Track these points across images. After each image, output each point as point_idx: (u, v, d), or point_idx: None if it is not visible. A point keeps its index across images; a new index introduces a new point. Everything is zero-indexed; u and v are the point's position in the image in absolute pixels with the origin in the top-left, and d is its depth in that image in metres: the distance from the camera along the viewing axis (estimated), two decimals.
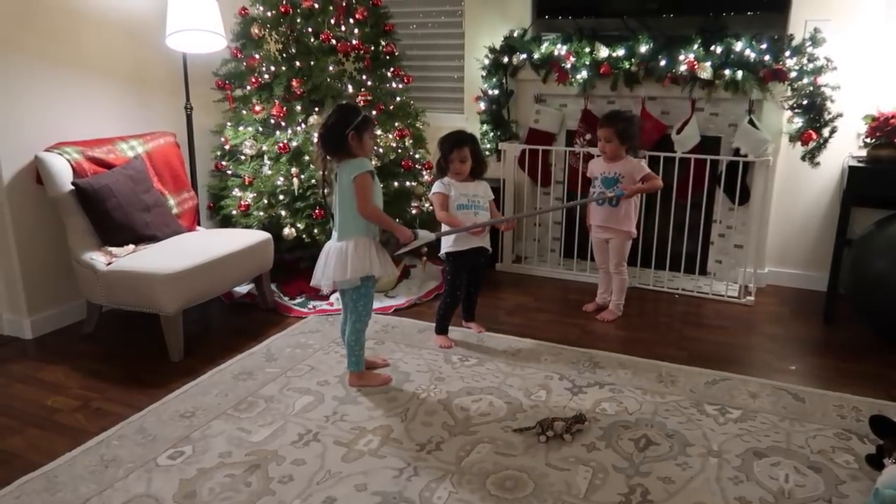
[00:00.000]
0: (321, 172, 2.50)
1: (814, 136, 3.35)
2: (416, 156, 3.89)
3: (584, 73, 3.71)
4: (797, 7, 3.46)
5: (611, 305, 3.37)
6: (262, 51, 3.64)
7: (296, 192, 3.46)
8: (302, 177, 3.45)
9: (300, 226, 3.43)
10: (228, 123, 3.73)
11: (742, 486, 1.98)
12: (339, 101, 3.55)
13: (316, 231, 3.42)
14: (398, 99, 3.86)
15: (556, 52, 3.78)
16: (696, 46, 3.47)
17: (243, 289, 3.55)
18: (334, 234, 2.50)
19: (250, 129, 3.62)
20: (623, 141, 3.13)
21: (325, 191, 2.52)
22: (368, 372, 2.64)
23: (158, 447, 2.16)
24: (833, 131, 3.35)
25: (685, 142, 3.63)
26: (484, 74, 4.04)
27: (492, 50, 3.99)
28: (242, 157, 3.63)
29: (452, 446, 2.17)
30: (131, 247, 2.95)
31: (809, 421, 2.34)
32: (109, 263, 2.84)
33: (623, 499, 1.92)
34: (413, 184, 3.80)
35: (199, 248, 2.99)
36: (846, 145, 3.45)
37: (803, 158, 3.45)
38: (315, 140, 2.54)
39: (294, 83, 3.51)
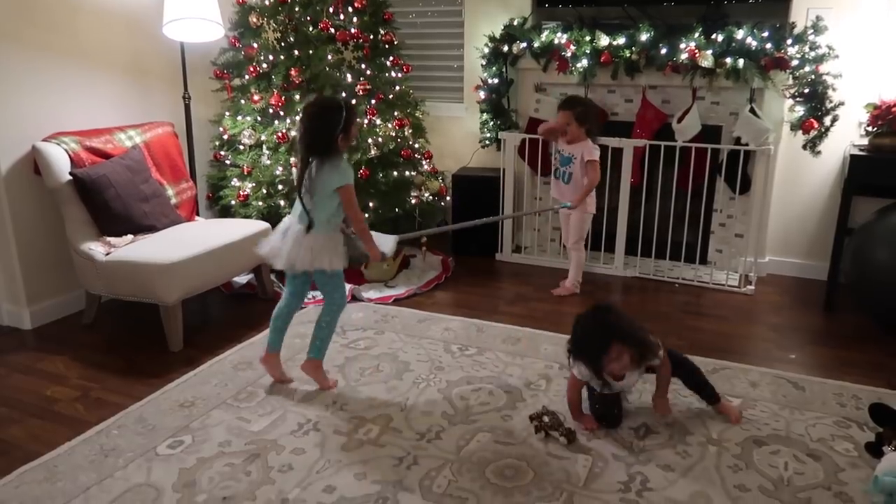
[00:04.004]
0: (300, 175, 2.32)
1: (815, 124, 3.33)
2: (416, 145, 3.87)
3: (584, 62, 3.68)
4: None
5: (568, 282, 3.47)
6: (260, 40, 3.61)
7: (295, 181, 3.44)
8: None
9: None
10: (227, 113, 3.71)
11: (741, 474, 1.98)
12: (337, 90, 3.53)
13: None
14: (397, 88, 3.84)
15: (556, 41, 3.75)
16: (697, 35, 3.45)
17: (243, 279, 3.54)
18: (304, 221, 2.34)
19: (249, 118, 3.61)
20: (581, 123, 3.31)
21: (302, 190, 2.34)
22: (321, 369, 2.51)
23: (158, 437, 2.16)
24: (834, 120, 3.33)
25: (686, 131, 3.61)
26: (484, 63, 4.02)
27: (492, 39, 3.96)
28: (241, 147, 3.61)
29: (452, 435, 2.17)
30: (130, 237, 2.95)
31: (809, 409, 2.34)
32: (108, 254, 2.84)
33: (622, 487, 1.92)
34: (412, 173, 3.79)
35: (198, 238, 2.98)
36: (847, 134, 3.43)
37: (804, 147, 3.44)
38: (296, 143, 2.34)
39: (293, 72, 3.49)
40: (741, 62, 3.36)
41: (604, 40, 3.63)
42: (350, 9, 3.66)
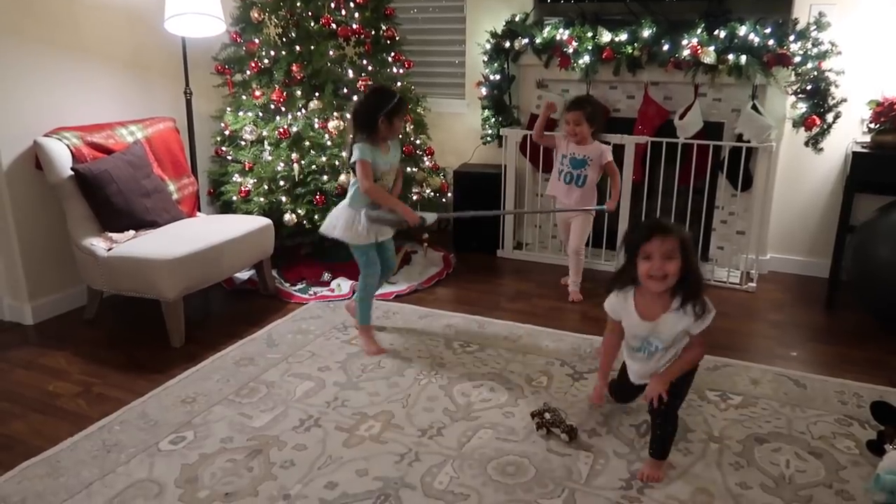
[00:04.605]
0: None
1: (817, 121, 3.33)
2: (417, 141, 3.87)
3: (586, 58, 3.67)
4: None
5: (571, 287, 3.45)
6: (261, 35, 3.60)
7: (296, 177, 3.44)
8: (302, 162, 3.43)
9: (301, 212, 3.41)
10: (228, 109, 3.70)
11: (743, 472, 1.98)
12: (339, 86, 3.54)
13: (317, 217, 3.39)
14: (399, 84, 3.83)
15: (558, 37, 3.74)
16: (699, 31, 3.44)
17: (244, 275, 3.55)
18: (348, 197, 2.66)
19: (250, 114, 3.60)
20: (591, 124, 3.26)
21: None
22: (371, 334, 2.79)
23: (160, 432, 2.17)
24: (837, 117, 3.32)
25: (688, 127, 3.61)
26: (485, 59, 4.01)
27: (493, 34, 3.95)
28: (242, 143, 3.61)
29: (454, 432, 2.17)
30: (131, 232, 2.94)
31: (810, 407, 2.34)
32: (110, 249, 2.84)
33: (624, 484, 1.92)
34: (414, 169, 3.78)
35: (200, 233, 2.98)
36: (850, 131, 3.43)
37: (807, 144, 3.43)
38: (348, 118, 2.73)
39: (294, 68, 3.48)
40: (743, 59, 3.35)
41: (606, 36, 3.62)
42: (352, 4, 3.65)
